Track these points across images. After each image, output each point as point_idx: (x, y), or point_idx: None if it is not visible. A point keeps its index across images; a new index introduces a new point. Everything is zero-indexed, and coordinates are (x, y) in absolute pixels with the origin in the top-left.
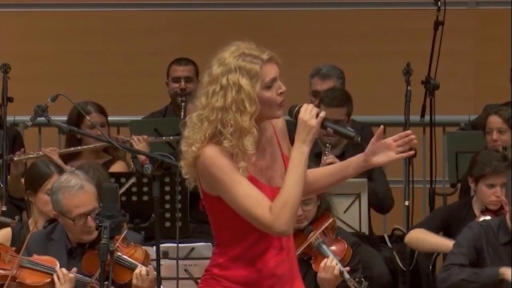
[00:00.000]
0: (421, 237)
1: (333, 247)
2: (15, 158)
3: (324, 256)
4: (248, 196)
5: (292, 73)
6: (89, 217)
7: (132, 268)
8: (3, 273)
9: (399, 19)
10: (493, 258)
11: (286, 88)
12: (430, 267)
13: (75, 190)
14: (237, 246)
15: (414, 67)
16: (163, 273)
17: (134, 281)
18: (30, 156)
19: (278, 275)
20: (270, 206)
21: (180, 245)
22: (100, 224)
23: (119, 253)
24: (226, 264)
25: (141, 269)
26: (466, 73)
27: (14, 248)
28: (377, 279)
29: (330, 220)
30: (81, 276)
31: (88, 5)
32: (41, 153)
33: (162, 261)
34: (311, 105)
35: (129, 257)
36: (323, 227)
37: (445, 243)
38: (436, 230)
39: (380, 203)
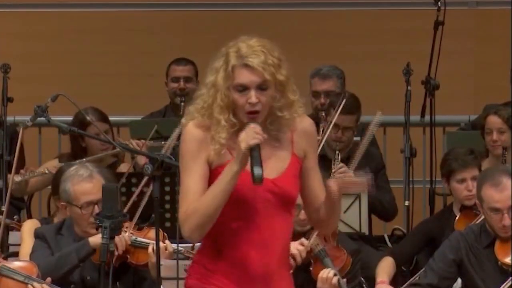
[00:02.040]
0: (378, 265)
1: (332, 255)
2: (19, 179)
3: (324, 265)
4: (185, 188)
5: (292, 73)
6: (96, 207)
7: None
8: None
9: (399, 19)
10: (475, 264)
11: (257, 100)
12: None
13: (84, 178)
14: (215, 234)
15: (414, 67)
16: (163, 273)
17: (153, 260)
18: (35, 175)
19: (255, 270)
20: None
21: (180, 245)
22: (100, 224)
23: (134, 237)
24: (205, 251)
25: (162, 246)
26: (466, 73)
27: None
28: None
29: None
30: (55, 286)
31: (88, 5)
32: (46, 171)
33: (162, 261)
34: (253, 128)
35: (144, 237)
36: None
37: (377, 276)
38: (417, 248)
39: (385, 212)
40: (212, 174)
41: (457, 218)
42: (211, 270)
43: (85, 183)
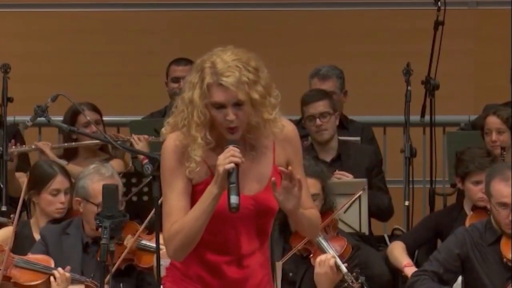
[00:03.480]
0: (391, 251)
1: (332, 242)
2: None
3: (323, 251)
4: (168, 205)
5: (292, 73)
6: None
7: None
8: None
9: (399, 19)
10: (480, 260)
11: (235, 117)
12: None
13: (105, 177)
14: None
15: (414, 67)
16: (163, 273)
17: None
18: (23, 149)
19: (233, 277)
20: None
21: None
22: (100, 224)
23: (143, 241)
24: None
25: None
26: (466, 73)
27: (8, 248)
28: (377, 279)
29: (332, 218)
30: (76, 275)
31: (88, 5)
32: (33, 146)
33: (162, 261)
34: (230, 151)
35: (151, 241)
36: (325, 223)
37: (400, 261)
38: (425, 238)
39: (382, 214)
40: (193, 191)
41: (469, 216)
42: (187, 276)
43: (106, 181)
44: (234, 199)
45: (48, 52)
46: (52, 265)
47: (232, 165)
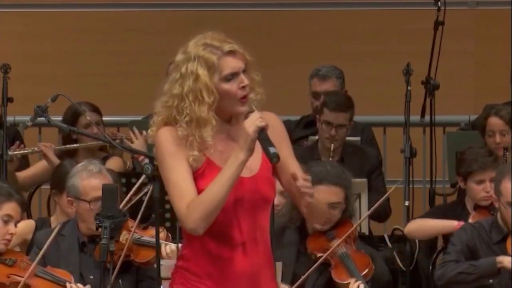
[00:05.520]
0: (422, 224)
1: (356, 260)
2: (10, 153)
3: (348, 270)
4: (176, 185)
5: (292, 73)
6: None
7: (154, 246)
8: (17, 279)
9: (399, 19)
10: (488, 256)
11: (248, 82)
12: (430, 267)
13: (94, 173)
14: (197, 237)
15: (414, 67)
16: (163, 273)
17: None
18: (26, 151)
19: (239, 270)
20: (190, 201)
21: (180, 245)
22: (100, 224)
23: (138, 235)
24: (188, 255)
25: (168, 246)
26: (466, 73)
27: (29, 257)
28: (377, 279)
29: (353, 229)
30: None
31: (88, 5)
32: (36, 148)
33: (162, 261)
34: (257, 114)
35: (149, 237)
36: (346, 234)
37: (446, 224)
38: None
39: (378, 217)
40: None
41: (471, 215)
42: (195, 274)
43: (94, 178)
44: (273, 150)
45: (48, 52)
46: (72, 280)
47: (264, 123)
